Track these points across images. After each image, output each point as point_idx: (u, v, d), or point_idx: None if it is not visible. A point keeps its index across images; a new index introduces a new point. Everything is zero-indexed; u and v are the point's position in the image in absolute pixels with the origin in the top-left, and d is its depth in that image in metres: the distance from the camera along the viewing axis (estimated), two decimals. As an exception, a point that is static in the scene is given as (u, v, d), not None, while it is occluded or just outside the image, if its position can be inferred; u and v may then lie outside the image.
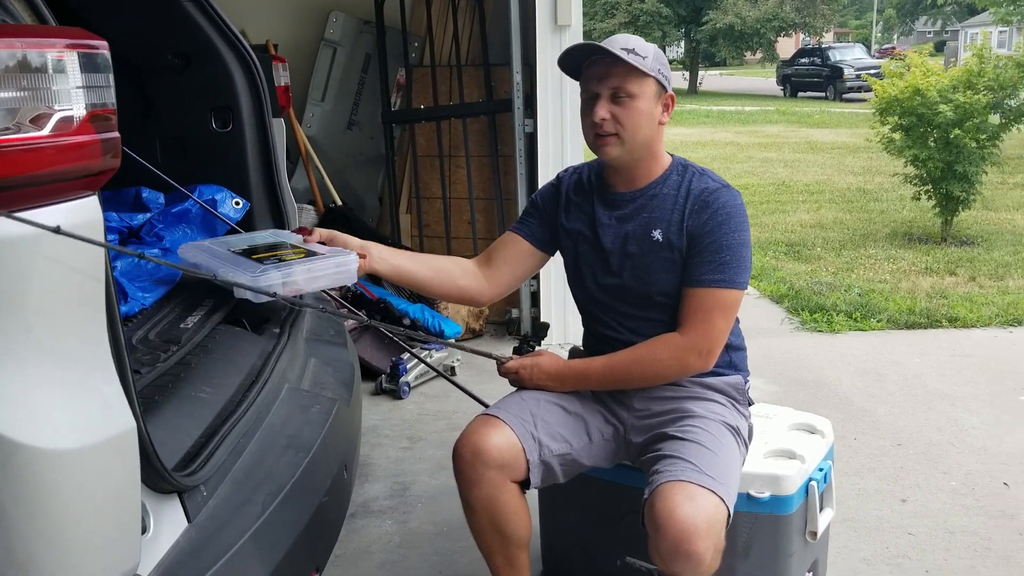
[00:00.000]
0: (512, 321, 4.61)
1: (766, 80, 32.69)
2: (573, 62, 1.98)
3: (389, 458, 3.26)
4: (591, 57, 1.92)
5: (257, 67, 2.35)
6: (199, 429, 1.25)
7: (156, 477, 1.08)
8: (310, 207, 4.73)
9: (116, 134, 1.11)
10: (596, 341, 2.15)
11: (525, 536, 1.98)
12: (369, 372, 3.98)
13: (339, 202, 4.69)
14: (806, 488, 2.14)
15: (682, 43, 34.39)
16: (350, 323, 4.20)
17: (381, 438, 3.44)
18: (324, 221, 4.69)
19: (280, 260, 1.72)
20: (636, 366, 1.97)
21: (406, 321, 4.19)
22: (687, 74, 30.59)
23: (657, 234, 1.97)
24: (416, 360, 3.97)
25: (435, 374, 4.04)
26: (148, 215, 2.29)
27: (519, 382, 2.06)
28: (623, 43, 1.91)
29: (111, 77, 1.10)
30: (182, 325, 1.63)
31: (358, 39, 4.89)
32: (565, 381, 2.03)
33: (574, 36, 4.21)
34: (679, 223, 1.95)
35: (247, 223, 2.41)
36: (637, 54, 1.89)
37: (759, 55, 32.67)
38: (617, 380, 2.01)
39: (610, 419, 2.08)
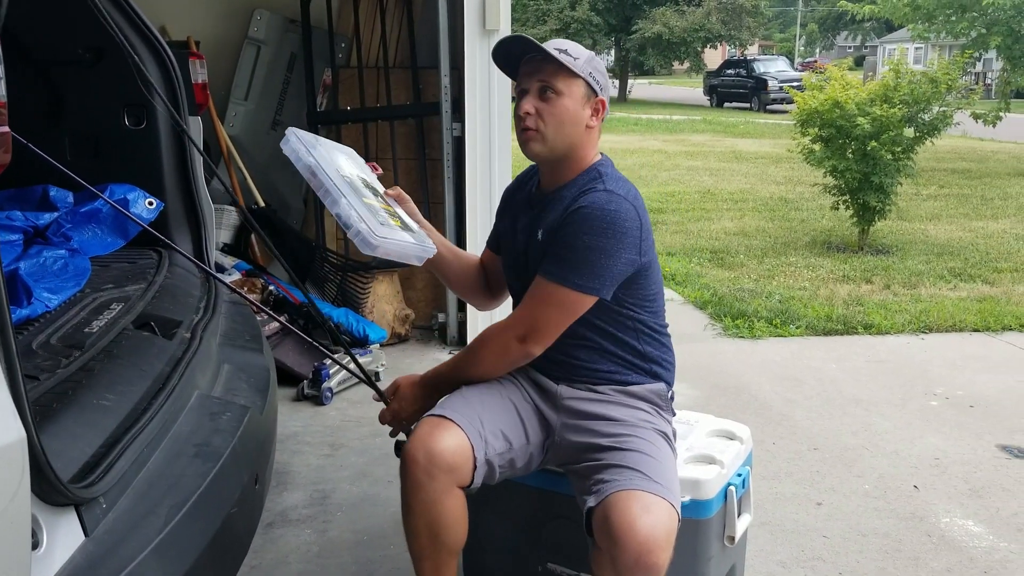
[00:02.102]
0: (439, 326, 4.59)
1: (694, 90, 33.25)
2: (509, 58, 1.98)
3: (309, 466, 3.20)
4: (526, 54, 1.94)
5: (173, 63, 2.29)
6: (100, 438, 1.20)
7: (50, 489, 1.02)
8: (231, 208, 4.63)
9: (6, 128, 1.05)
10: None
11: (459, 544, 1.94)
12: (291, 378, 3.90)
13: (262, 203, 4.60)
14: (725, 493, 2.16)
15: (612, 51, 34.77)
16: (274, 325, 4.12)
17: (302, 445, 3.37)
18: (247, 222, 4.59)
19: (390, 222, 1.93)
20: (471, 355, 2.04)
21: (327, 325, 4.12)
22: (616, 82, 30.92)
23: (539, 234, 2.00)
24: (337, 368, 3.91)
25: (358, 380, 3.99)
26: (55, 214, 2.20)
27: (401, 421, 2.05)
28: (558, 44, 1.94)
29: (1, 69, 1.05)
30: (87, 329, 1.56)
31: (283, 38, 4.80)
32: (431, 387, 2.05)
33: (502, 41, 4.20)
34: (558, 223, 1.94)
35: (160, 223, 2.34)
36: (569, 55, 1.91)
37: (686, 65, 33.16)
38: (463, 373, 2.05)
39: (542, 419, 2.07)
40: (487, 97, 4.22)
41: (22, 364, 1.37)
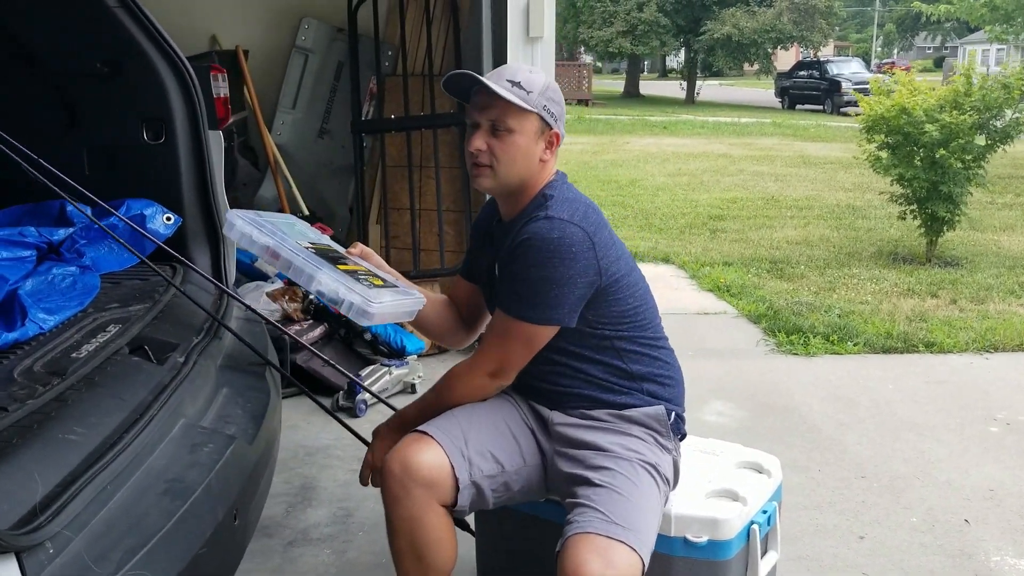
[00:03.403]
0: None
1: (765, 92, 32.65)
2: (459, 88, 1.90)
3: (336, 481, 3.16)
4: (474, 86, 1.85)
5: (192, 77, 2.26)
6: (58, 476, 1.16)
7: (-15, 536, 0.98)
8: (278, 216, 4.64)
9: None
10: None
11: (445, 566, 1.89)
12: (327, 389, 3.89)
13: (306, 211, 4.59)
14: (747, 532, 2.04)
15: (682, 52, 34.35)
16: (314, 333, 4.11)
17: (331, 459, 3.34)
18: (291, 231, 4.60)
19: (372, 283, 1.87)
20: (439, 396, 1.97)
21: (367, 335, 4.10)
22: (684, 84, 30.54)
23: (496, 268, 1.96)
24: (374, 378, 3.88)
25: (395, 391, 3.95)
26: (71, 230, 2.19)
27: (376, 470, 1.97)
28: (511, 75, 1.85)
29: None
30: (75, 354, 1.53)
31: (331, 46, 4.80)
32: (395, 432, 1.97)
33: (546, 48, 4.13)
34: (506, 256, 1.91)
35: (179, 239, 2.32)
36: (522, 88, 1.82)
37: (756, 67, 32.55)
38: (437, 405, 1.98)
39: (537, 444, 2.01)
40: (531, 106, 4.13)
41: (-3, 393, 1.35)
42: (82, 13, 2.17)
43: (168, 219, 2.27)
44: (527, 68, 1.89)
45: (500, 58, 4.17)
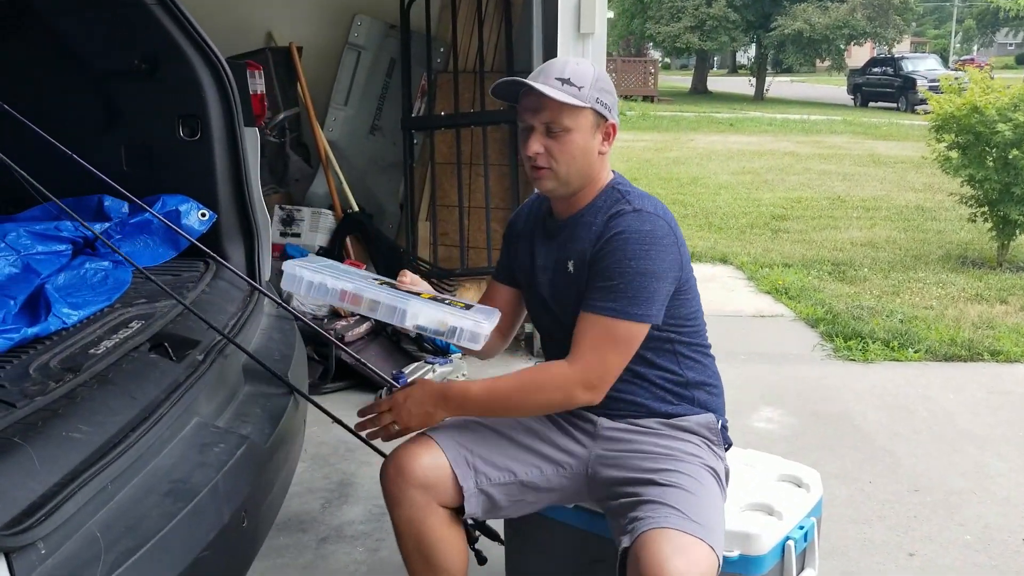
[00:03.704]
0: (525, 336, 4.48)
1: (838, 89, 31.91)
2: (508, 92, 1.86)
3: (373, 478, 3.09)
4: (523, 88, 1.80)
5: (228, 74, 2.27)
6: (57, 476, 1.16)
7: (-29, 535, 0.98)
8: (329, 212, 4.67)
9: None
10: None
11: (455, 567, 1.87)
12: (372, 384, 3.89)
13: (356, 207, 4.61)
14: (782, 547, 1.97)
15: (752, 48, 33.78)
16: (360, 329, 4.12)
17: (372, 455, 3.27)
18: (341, 226, 4.62)
19: (457, 306, 1.82)
20: (517, 394, 1.83)
21: (412, 333, 4.09)
22: (753, 80, 30.01)
23: (571, 266, 1.87)
24: (418, 375, 3.88)
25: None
26: (106, 225, 2.21)
27: (399, 421, 1.85)
28: (559, 71, 1.78)
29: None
30: (93, 350, 1.54)
31: (383, 43, 4.80)
32: (448, 400, 1.83)
33: (597, 44, 4.06)
34: (587, 253, 1.85)
35: (213, 235, 2.33)
36: (572, 84, 1.76)
37: (828, 63, 31.81)
38: (497, 406, 1.85)
39: (571, 448, 1.95)
40: (581, 103, 4.08)
41: (10, 388, 1.35)
42: (121, 11, 2.19)
43: (203, 215, 2.28)
44: (573, 61, 1.82)
45: (551, 55, 4.12)
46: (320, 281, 1.70)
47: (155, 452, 1.35)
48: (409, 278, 1.92)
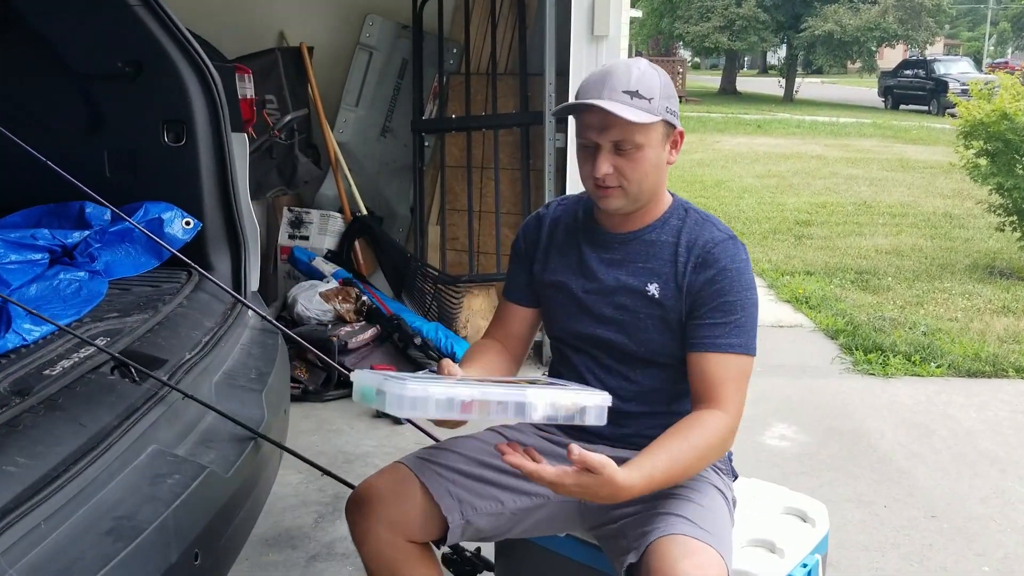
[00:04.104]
0: (535, 344, 4.38)
1: (868, 91, 31.49)
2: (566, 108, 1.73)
3: (369, 493, 3.06)
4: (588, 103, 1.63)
5: (214, 78, 2.19)
6: (-20, 515, 1.08)
7: None
8: (338, 214, 4.60)
9: None
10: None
11: None
12: (374, 393, 3.82)
13: (364, 211, 4.53)
14: (783, 585, 1.86)
15: (783, 48, 33.38)
16: (366, 336, 4.04)
17: (369, 467, 3.25)
18: (349, 229, 4.55)
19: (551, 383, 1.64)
20: (698, 463, 1.64)
21: (417, 340, 4.01)
22: (783, 81, 29.65)
23: (653, 289, 1.75)
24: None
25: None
26: (85, 233, 2.14)
27: (556, 492, 1.57)
28: (624, 83, 1.63)
29: None
30: (49, 371, 1.46)
31: (395, 44, 4.72)
32: (631, 493, 1.53)
33: (611, 47, 3.96)
34: (676, 278, 1.74)
35: (198, 244, 2.25)
36: (641, 96, 1.62)
37: (858, 64, 31.35)
38: (677, 481, 1.65)
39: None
40: (593, 107, 3.97)
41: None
42: (104, 12, 2.11)
43: (187, 223, 2.21)
44: (635, 67, 1.66)
45: (563, 58, 4.02)
46: (427, 393, 1.39)
47: (101, 485, 1.27)
48: (456, 369, 1.64)
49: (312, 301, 4.10)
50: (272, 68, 4.30)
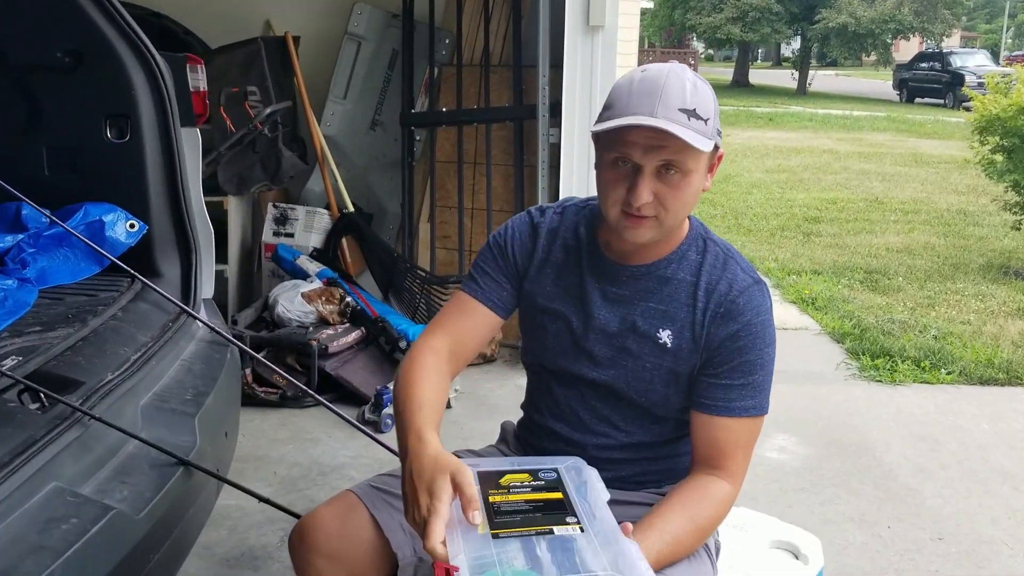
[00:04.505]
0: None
1: (883, 83, 31.13)
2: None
3: (342, 508, 2.90)
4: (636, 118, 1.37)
5: (161, 69, 2.02)
6: None
7: None
8: (324, 211, 4.43)
9: None
10: (534, 428, 1.74)
11: None
12: (356, 399, 3.66)
13: (351, 207, 4.36)
14: (769, 630, 1.69)
15: (797, 40, 33.00)
16: (348, 339, 3.87)
17: (345, 480, 3.10)
18: (336, 227, 4.38)
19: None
20: (701, 536, 1.49)
21: (403, 343, 3.84)
22: (796, 73, 29.31)
23: (665, 336, 1.54)
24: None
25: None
26: (18, 237, 1.98)
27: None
28: (680, 100, 1.37)
29: None
30: (-57, 396, 1.30)
31: (385, 33, 4.54)
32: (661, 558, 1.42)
33: (608, 39, 3.77)
34: (693, 327, 1.53)
35: (145, 248, 2.09)
36: (699, 117, 1.38)
37: (873, 57, 30.95)
38: (679, 556, 1.47)
39: None
40: (588, 101, 3.80)
41: None
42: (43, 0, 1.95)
43: (132, 226, 2.04)
44: (688, 81, 1.41)
45: (557, 50, 3.85)
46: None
47: (-19, 533, 1.11)
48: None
49: (294, 302, 3.93)
50: (255, 58, 4.13)
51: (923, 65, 26.79)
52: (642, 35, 26.94)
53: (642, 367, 1.56)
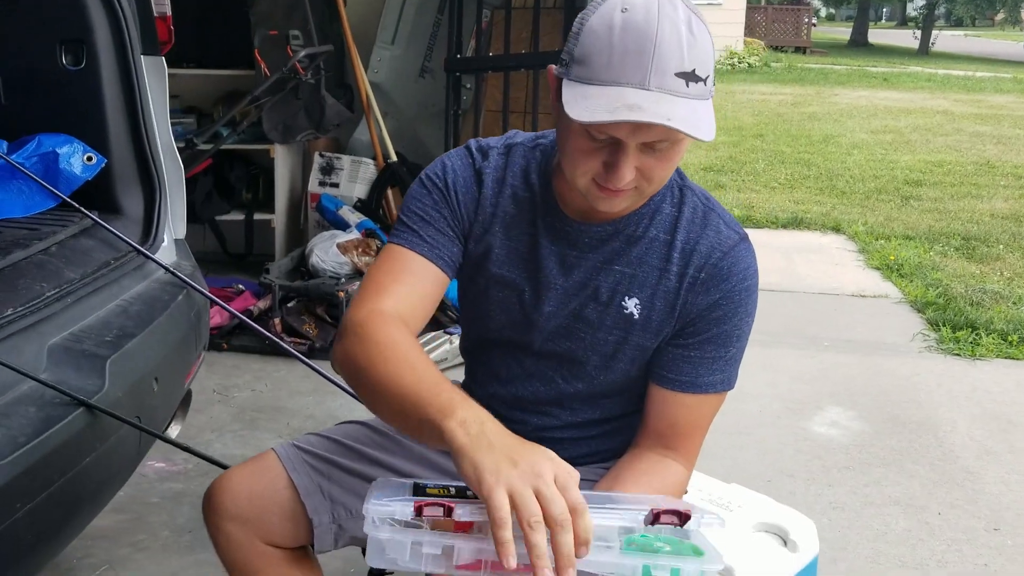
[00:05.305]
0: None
1: (1016, 44, 29.15)
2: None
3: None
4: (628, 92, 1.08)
5: (117, -10, 1.89)
6: None
7: None
8: (370, 161, 4.30)
9: None
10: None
11: None
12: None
13: (394, 157, 4.22)
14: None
15: (922, -1, 31.14)
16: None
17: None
18: (380, 178, 4.25)
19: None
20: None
21: (435, 299, 3.69)
22: (918, 32, 27.69)
23: (631, 306, 1.32)
24: (432, 346, 3.48)
25: (453, 363, 3.52)
26: (-31, 168, 1.90)
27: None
28: (677, 60, 1.08)
29: None
30: None
31: (436, -26, 4.35)
32: None
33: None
34: (667, 295, 1.31)
35: (104, 183, 1.98)
36: (699, 77, 1.10)
37: (1002, 15, 28.95)
38: None
39: None
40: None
41: None
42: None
43: (89, 159, 1.94)
44: (684, 29, 1.09)
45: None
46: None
47: None
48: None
49: (328, 252, 3.83)
50: (297, 1, 4.00)
51: (1060, 22, 24.93)
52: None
53: (601, 343, 1.35)
